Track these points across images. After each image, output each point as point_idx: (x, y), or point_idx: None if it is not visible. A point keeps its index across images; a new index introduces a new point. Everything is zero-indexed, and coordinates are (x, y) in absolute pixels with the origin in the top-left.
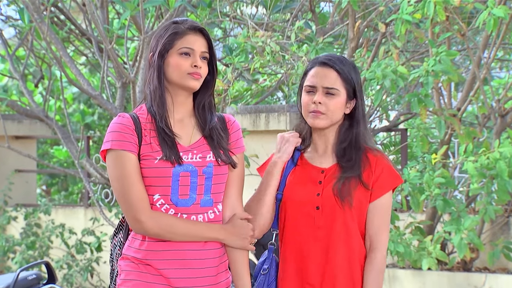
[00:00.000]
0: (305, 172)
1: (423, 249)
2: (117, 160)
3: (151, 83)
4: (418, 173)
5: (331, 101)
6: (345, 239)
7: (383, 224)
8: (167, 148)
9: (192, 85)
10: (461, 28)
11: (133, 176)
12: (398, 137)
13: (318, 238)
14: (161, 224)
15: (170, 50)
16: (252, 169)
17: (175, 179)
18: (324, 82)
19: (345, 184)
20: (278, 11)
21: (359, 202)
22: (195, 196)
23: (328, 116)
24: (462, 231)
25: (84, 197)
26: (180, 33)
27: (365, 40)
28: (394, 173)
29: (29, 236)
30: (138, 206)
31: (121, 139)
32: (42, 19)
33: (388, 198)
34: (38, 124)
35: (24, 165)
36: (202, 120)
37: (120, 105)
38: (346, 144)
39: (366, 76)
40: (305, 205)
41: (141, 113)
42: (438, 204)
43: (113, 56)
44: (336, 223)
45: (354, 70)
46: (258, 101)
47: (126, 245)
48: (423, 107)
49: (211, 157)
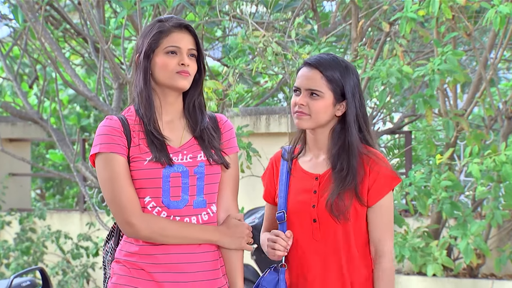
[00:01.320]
0: (300, 181)
1: (429, 254)
2: (106, 163)
3: (137, 85)
4: (424, 175)
5: (314, 103)
6: (345, 252)
7: (385, 228)
8: (156, 150)
9: (181, 84)
10: (467, 27)
11: (123, 179)
12: (402, 139)
13: (318, 251)
14: (153, 227)
15: (156, 50)
16: (254, 170)
17: (165, 180)
18: (308, 84)
19: (339, 198)
20: (279, 10)
21: (356, 213)
22: (188, 197)
23: (312, 118)
24: (468, 236)
25: (80, 202)
26: (165, 31)
27: (369, 40)
28: (390, 174)
29: (24, 242)
30: (129, 209)
31: (110, 142)
32: (36, 18)
33: (388, 200)
34: (32, 126)
35: (18, 168)
36: (192, 121)
37: (117, 107)
38: (338, 149)
39: (370, 75)
40: (303, 217)
41: (129, 115)
42: (445, 208)
43: (110, 56)
44: (334, 236)
45: (346, 71)
46: (258, 103)
47: (118, 249)
48: (429, 108)
49: (202, 156)
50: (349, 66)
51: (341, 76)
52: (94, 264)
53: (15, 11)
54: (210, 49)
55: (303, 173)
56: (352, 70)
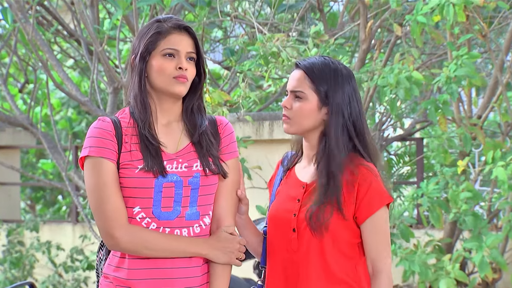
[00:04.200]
0: (289, 187)
1: (441, 268)
2: (94, 169)
3: (132, 89)
4: (437, 186)
5: (296, 106)
6: (321, 266)
7: (380, 245)
8: (149, 157)
9: (178, 91)
10: (482, 28)
11: (109, 187)
12: (413, 146)
13: (296, 263)
14: (136, 240)
15: (153, 52)
16: (255, 182)
17: (157, 190)
18: (292, 85)
19: (320, 210)
20: (283, 10)
21: (337, 227)
22: (180, 208)
23: (295, 122)
24: (483, 249)
25: (72, 212)
26: (163, 33)
27: (378, 42)
28: (381, 191)
29: (12, 254)
30: (112, 220)
31: (100, 146)
32: (26, 18)
33: (380, 217)
34: (22, 132)
35: (6, 177)
36: (191, 125)
37: (111, 112)
38: (322, 157)
39: (378, 83)
40: (283, 225)
41: (123, 117)
42: (467, 220)
43: (104, 59)
44: (311, 248)
45: (334, 73)
46: (261, 108)
47: (107, 263)
48: (442, 115)
49: (198, 166)
50: (339, 69)
51: (328, 78)
52: (86, 279)
53: (4, 11)
54: (211, 52)
55: (294, 180)
56: (343, 73)
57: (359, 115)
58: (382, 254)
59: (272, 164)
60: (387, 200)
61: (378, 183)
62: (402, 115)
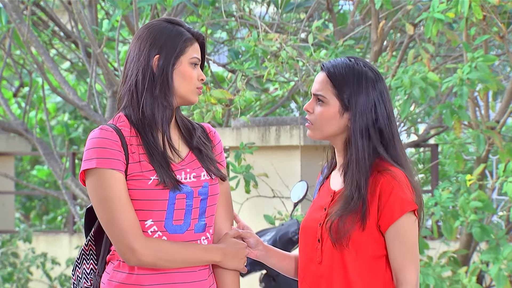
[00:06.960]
0: (321, 196)
1: (457, 281)
2: (104, 181)
3: (148, 90)
4: (451, 194)
5: (318, 110)
6: (344, 281)
7: (406, 257)
8: (161, 170)
9: (195, 100)
10: (500, 29)
11: (123, 199)
12: (428, 153)
13: (320, 276)
14: (158, 252)
15: (182, 57)
16: (261, 190)
17: (171, 202)
18: (315, 88)
19: (340, 220)
20: (291, 10)
21: (359, 240)
22: (190, 221)
23: (317, 127)
24: (501, 261)
25: (69, 222)
26: (190, 39)
27: (390, 43)
28: (403, 197)
29: (6, 267)
30: (130, 233)
31: (108, 157)
32: (21, 19)
33: (403, 225)
34: (16, 138)
35: (0, 185)
36: (186, 131)
37: (110, 117)
38: (345, 165)
39: (392, 84)
40: (311, 236)
41: (122, 125)
42: (475, 232)
43: (103, 61)
44: (334, 261)
45: (358, 76)
46: (267, 113)
47: (107, 279)
48: (457, 120)
49: (205, 175)
50: (363, 72)
51: (351, 82)
52: None
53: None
54: (214, 54)
55: (327, 189)
56: (368, 76)
57: (386, 120)
58: (406, 265)
59: (279, 172)
60: (409, 207)
61: (400, 188)
62: (416, 120)
